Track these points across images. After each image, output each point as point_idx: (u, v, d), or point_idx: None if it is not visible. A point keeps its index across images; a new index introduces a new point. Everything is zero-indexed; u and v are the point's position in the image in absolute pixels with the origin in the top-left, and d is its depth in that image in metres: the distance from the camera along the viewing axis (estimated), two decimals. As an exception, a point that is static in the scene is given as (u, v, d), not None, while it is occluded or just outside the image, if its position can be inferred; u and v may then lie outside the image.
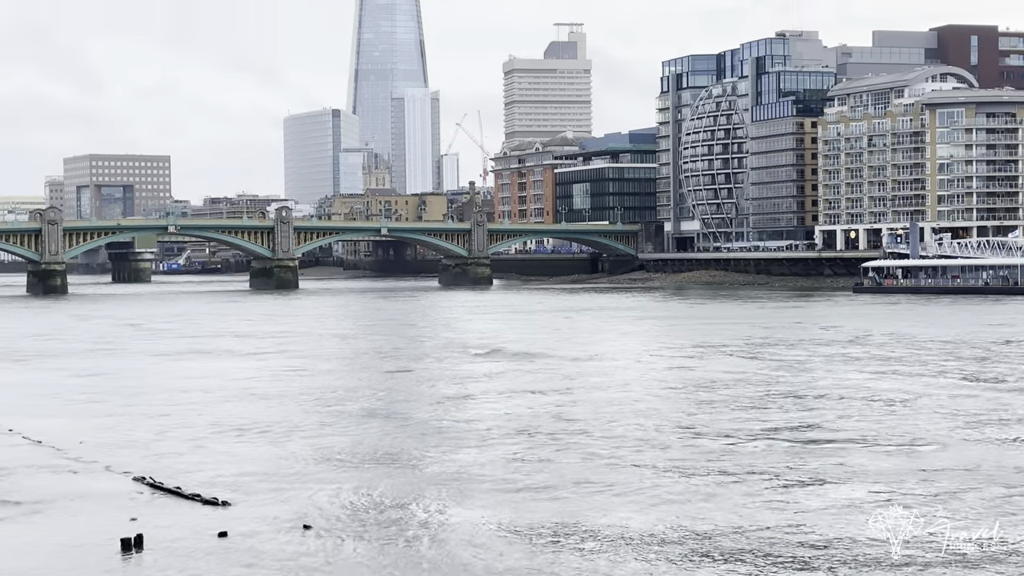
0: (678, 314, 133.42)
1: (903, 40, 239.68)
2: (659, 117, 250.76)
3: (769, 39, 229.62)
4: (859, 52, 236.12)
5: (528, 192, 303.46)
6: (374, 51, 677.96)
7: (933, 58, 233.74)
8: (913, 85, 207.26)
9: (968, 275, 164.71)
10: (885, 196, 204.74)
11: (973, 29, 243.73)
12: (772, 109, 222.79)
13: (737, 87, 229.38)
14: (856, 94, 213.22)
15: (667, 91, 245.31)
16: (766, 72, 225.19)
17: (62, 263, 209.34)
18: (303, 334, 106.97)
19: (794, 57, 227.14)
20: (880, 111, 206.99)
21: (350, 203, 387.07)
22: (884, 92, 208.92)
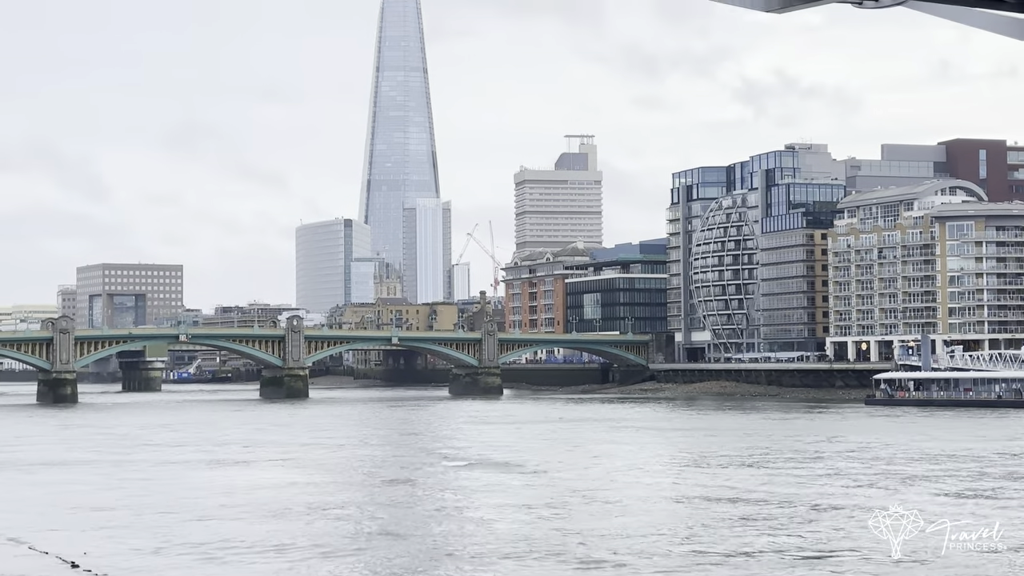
0: (686, 426, 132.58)
1: (912, 154, 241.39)
2: (669, 228, 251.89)
3: (778, 151, 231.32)
4: (868, 165, 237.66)
5: (539, 302, 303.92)
6: (386, 162, 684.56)
7: (942, 171, 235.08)
8: (922, 198, 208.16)
9: (980, 388, 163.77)
10: (896, 308, 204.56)
11: (981, 143, 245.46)
12: (782, 221, 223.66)
13: (747, 199, 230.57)
14: (866, 206, 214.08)
15: (677, 202, 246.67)
16: (776, 184, 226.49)
17: (73, 372, 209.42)
18: (309, 444, 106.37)
19: (803, 169, 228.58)
20: (890, 223, 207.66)
21: (361, 312, 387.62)
22: (894, 204, 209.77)
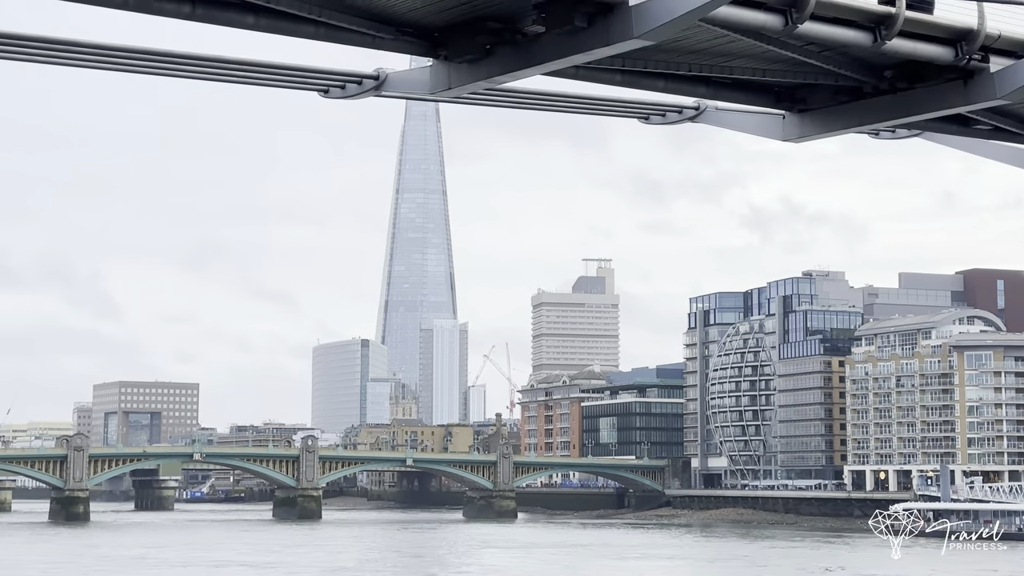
0: (696, 554, 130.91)
1: (929, 282, 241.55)
2: (686, 353, 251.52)
3: (796, 278, 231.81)
4: (885, 293, 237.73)
5: (555, 425, 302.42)
6: (404, 283, 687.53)
7: (959, 301, 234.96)
8: (940, 327, 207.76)
9: (1001, 520, 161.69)
10: (914, 437, 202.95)
11: (999, 273, 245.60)
12: (799, 347, 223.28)
13: (764, 325, 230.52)
14: (884, 334, 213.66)
15: (694, 327, 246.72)
16: (793, 310, 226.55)
17: (86, 490, 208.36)
18: (314, 568, 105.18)
19: (820, 296, 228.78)
20: (908, 352, 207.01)
21: (376, 433, 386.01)
22: (912, 333, 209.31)
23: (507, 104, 30.06)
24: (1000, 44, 26.05)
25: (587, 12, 22.21)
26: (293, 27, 23.31)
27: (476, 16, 23.56)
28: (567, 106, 30.70)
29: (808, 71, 27.24)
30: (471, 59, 24.45)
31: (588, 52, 23.06)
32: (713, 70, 27.10)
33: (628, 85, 27.60)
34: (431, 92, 25.79)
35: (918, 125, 31.54)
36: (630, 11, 21.93)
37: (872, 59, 26.57)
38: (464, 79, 24.88)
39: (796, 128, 29.85)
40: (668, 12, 21.67)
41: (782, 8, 23.46)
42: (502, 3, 22.97)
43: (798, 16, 23.47)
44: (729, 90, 28.84)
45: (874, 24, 24.66)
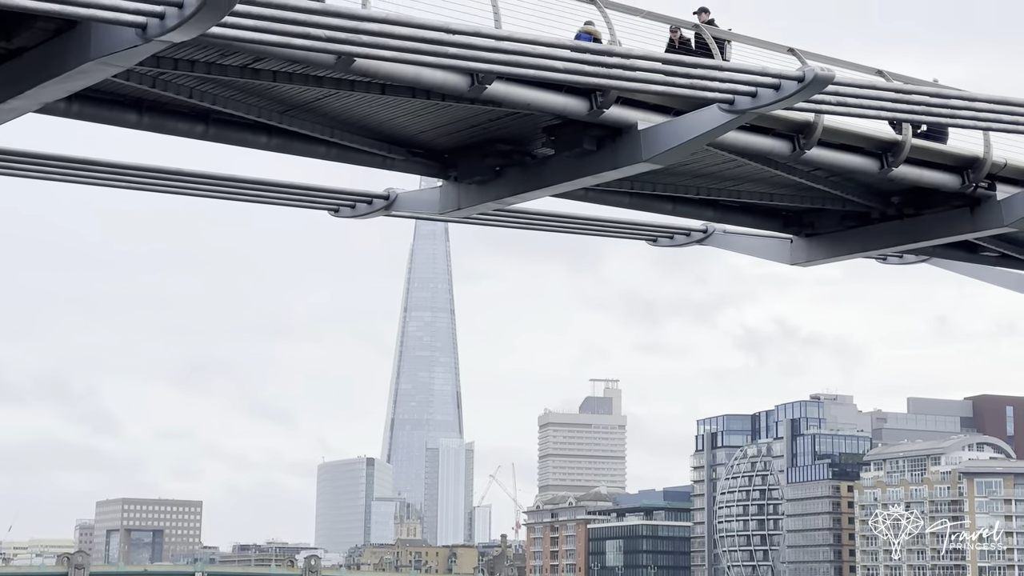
0: None
1: (938, 408, 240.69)
2: (694, 475, 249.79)
3: (803, 401, 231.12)
4: (894, 418, 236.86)
5: (560, 547, 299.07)
6: (411, 401, 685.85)
7: (968, 427, 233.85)
8: (950, 453, 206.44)
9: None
10: (924, 565, 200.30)
11: (1008, 400, 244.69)
12: (807, 471, 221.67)
13: (772, 448, 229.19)
14: (892, 459, 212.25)
15: (702, 449, 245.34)
16: (801, 434, 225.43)
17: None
18: None
19: (829, 420, 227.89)
20: (917, 478, 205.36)
21: (380, 553, 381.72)
22: (921, 459, 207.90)
23: (516, 225, 30.24)
24: (1006, 172, 26.25)
25: (596, 136, 22.43)
26: (305, 147, 23.55)
27: (486, 138, 23.81)
28: (576, 228, 30.89)
29: (816, 196, 27.41)
30: (481, 180, 24.64)
31: (597, 175, 23.24)
32: (721, 194, 27.27)
33: (636, 207, 27.76)
34: (441, 212, 25.96)
35: (925, 251, 31.64)
36: (639, 135, 22.14)
37: (879, 185, 26.75)
38: (473, 200, 25.05)
39: (804, 252, 29.95)
40: (676, 137, 21.89)
41: (790, 134, 23.68)
42: (512, 126, 23.22)
43: (806, 142, 23.68)
44: (737, 214, 28.99)
45: (881, 151, 24.87)
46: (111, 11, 15.94)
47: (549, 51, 19.12)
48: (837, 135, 24.23)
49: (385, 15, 18.02)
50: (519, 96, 20.94)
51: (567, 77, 19.57)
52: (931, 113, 22.56)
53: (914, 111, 22.35)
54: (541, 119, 22.59)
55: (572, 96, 21.32)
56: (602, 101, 21.50)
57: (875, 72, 24.88)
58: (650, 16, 23.14)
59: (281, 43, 17.21)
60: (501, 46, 18.77)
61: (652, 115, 22.31)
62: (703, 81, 20.26)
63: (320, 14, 17.26)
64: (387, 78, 20.18)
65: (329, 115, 22.82)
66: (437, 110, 22.36)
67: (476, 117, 22.78)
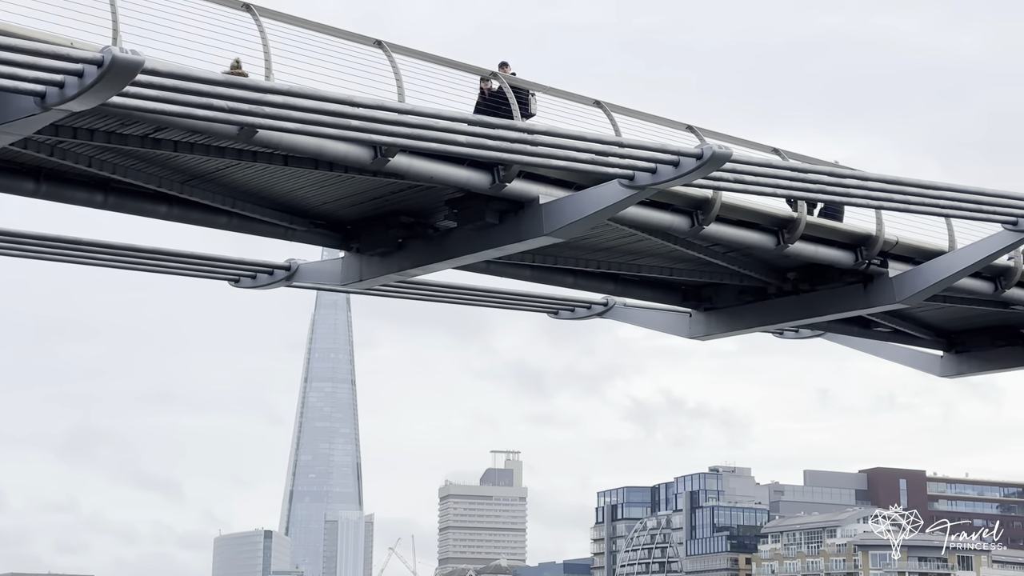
0: None
1: (834, 480, 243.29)
2: (594, 547, 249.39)
3: (703, 474, 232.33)
4: (791, 490, 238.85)
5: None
6: (310, 473, 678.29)
7: (863, 499, 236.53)
8: (845, 525, 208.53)
9: None
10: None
11: (901, 472, 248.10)
12: (706, 543, 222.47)
13: (672, 520, 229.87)
14: (790, 532, 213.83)
15: (602, 521, 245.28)
16: (700, 506, 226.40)
17: None
18: None
19: (727, 492, 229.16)
20: (813, 550, 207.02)
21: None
22: (817, 531, 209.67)
23: (419, 297, 30.27)
24: (898, 250, 26.84)
25: (498, 209, 22.58)
26: (206, 217, 23.39)
27: (389, 210, 23.85)
28: (477, 300, 30.99)
29: (714, 271, 27.79)
30: (383, 252, 24.64)
31: (499, 248, 23.36)
32: (622, 267, 27.54)
33: (538, 280, 27.94)
34: (342, 283, 25.89)
35: (821, 325, 32.19)
36: (540, 209, 22.33)
37: (776, 261, 27.19)
38: (376, 271, 25.03)
39: (702, 326, 30.32)
40: (577, 211, 22.11)
41: (689, 210, 24.03)
42: (415, 198, 23.31)
43: (704, 218, 24.04)
44: (637, 287, 29.30)
45: (777, 228, 25.31)
46: (9, 79, 15.77)
47: (452, 125, 19.27)
48: (735, 211, 24.63)
49: (288, 87, 18.06)
50: (422, 169, 21.05)
51: (469, 151, 19.71)
52: (826, 192, 23.04)
53: (810, 189, 22.81)
54: (444, 192, 22.71)
55: (475, 170, 21.47)
56: (504, 175, 21.68)
57: (772, 150, 25.40)
58: (551, 91, 23.43)
59: (183, 113, 17.13)
60: (404, 119, 18.88)
61: (554, 189, 22.53)
62: (604, 157, 20.52)
63: (223, 85, 17.23)
64: (290, 149, 20.19)
65: (231, 185, 22.72)
66: (340, 182, 22.38)
67: (379, 189, 22.83)
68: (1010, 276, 28.32)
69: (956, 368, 34.27)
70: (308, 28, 20.62)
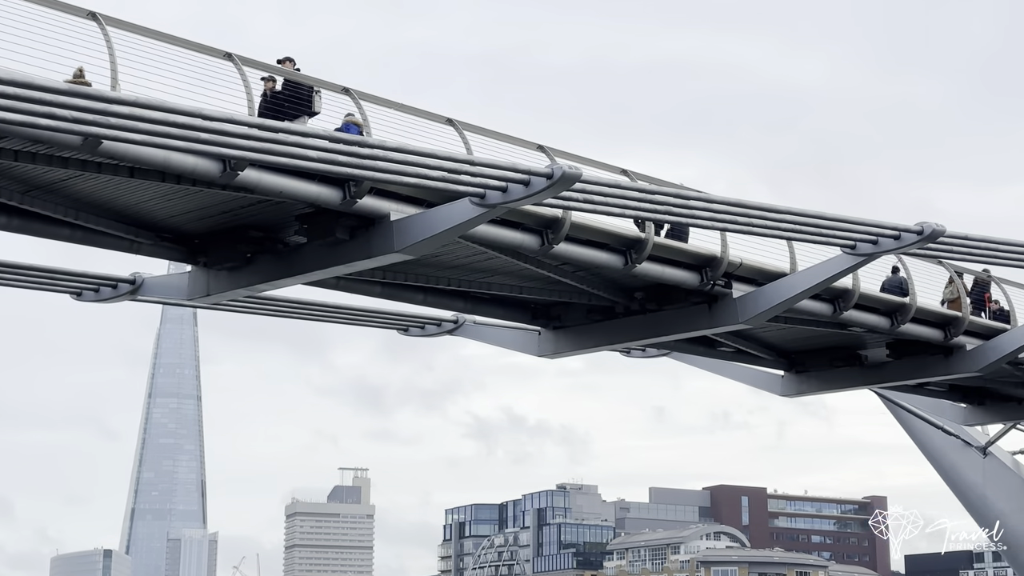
0: None
1: (678, 498, 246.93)
2: (441, 565, 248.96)
3: (551, 491, 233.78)
4: (636, 507, 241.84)
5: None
6: (153, 490, 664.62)
7: (706, 516, 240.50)
8: (688, 542, 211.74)
9: None
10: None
11: (743, 490, 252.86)
12: (553, 560, 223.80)
13: (519, 537, 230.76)
14: (635, 548, 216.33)
15: (449, 539, 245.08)
16: (547, 523, 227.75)
17: None
18: None
19: (574, 510, 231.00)
20: (658, 566, 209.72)
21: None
22: (661, 548, 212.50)
23: (267, 312, 29.96)
24: (742, 271, 27.40)
25: (349, 225, 22.47)
26: (47, 229, 22.83)
27: (238, 224, 23.56)
28: (327, 316, 30.80)
29: (563, 290, 28.04)
30: (231, 266, 24.33)
31: (349, 264, 23.24)
32: (472, 285, 27.63)
33: (388, 297, 27.88)
34: (189, 298, 25.51)
35: (667, 345, 32.70)
36: (391, 226, 22.30)
37: (624, 280, 27.54)
38: (223, 286, 24.70)
39: (551, 344, 30.56)
40: (428, 228, 22.13)
41: (539, 229, 24.22)
42: (264, 213, 23.07)
43: (554, 237, 24.26)
44: (487, 305, 29.41)
45: (625, 248, 25.64)
46: None
47: (302, 140, 19.14)
48: (584, 231, 24.90)
49: (135, 98, 17.74)
50: (272, 184, 20.85)
51: (320, 166, 19.60)
52: (673, 213, 23.41)
53: (657, 210, 23.16)
54: (294, 207, 22.52)
55: (325, 185, 21.34)
56: (355, 191, 21.59)
57: (620, 171, 25.75)
58: (402, 108, 23.44)
59: (24, 122, 16.72)
60: (254, 133, 18.70)
61: (405, 206, 22.52)
62: (455, 175, 20.58)
63: (67, 94, 16.87)
64: (136, 161, 19.82)
65: (74, 196, 22.22)
66: (188, 195, 22.05)
67: (228, 203, 22.55)
68: (848, 298, 29.10)
69: (796, 387, 35.09)
70: (156, 39, 20.31)
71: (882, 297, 30.18)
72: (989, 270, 33.57)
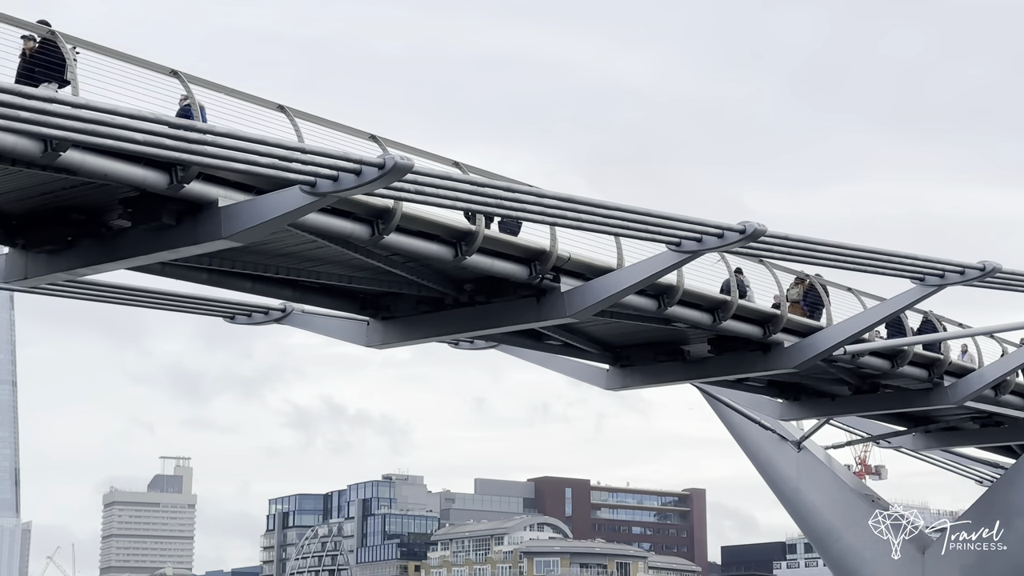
0: None
1: (503, 489, 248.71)
2: (263, 556, 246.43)
3: (376, 481, 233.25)
4: (462, 498, 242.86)
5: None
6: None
7: (531, 507, 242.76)
8: (512, 533, 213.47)
9: None
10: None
11: (567, 482, 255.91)
12: (377, 551, 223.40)
13: (343, 528, 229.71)
14: (459, 539, 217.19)
15: (273, 529, 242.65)
16: (372, 514, 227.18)
17: None
18: None
19: (399, 500, 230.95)
20: (481, 557, 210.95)
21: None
22: (485, 539, 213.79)
23: (88, 297, 29.26)
24: (570, 266, 27.70)
25: (176, 210, 22.05)
26: None
27: (59, 206, 22.93)
28: (151, 302, 30.22)
29: (393, 280, 27.98)
30: (51, 249, 23.67)
31: (175, 249, 22.80)
32: (301, 274, 27.38)
33: (215, 284, 27.45)
34: (5, 280, 24.72)
35: (495, 337, 32.90)
36: (219, 212, 21.96)
37: (454, 273, 27.61)
38: (42, 270, 24.01)
39: (380, 335, 30.48)
40: (257, 215, 21.85)
41: (370, 219, 24.12)
42: (87, 195, 22.48)
43: (384, 227, 24.19)
44: (316, 294, 29.18)
45: (456, 240, 25.71)
46: None
47: (128, 122, 18.71)
48: (415, 222, 24.88)
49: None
50: (95, 166, 20.32)
51: (146, 149, 19.17)
52: (504, 206, 23.55)
53: (488, 203, 23.26)
54: (118, 190, 22.00)
55: (151, 169, 20.89)
56: (183, 176, 21.19)
57: (452, 163, 25.80)
58: (236, 92, 23.10)
59: None
60: (78, 114, 18.22)
61: (234, 192, 22.18)
62: (286, 162, 20.36)
63: None
64: (-49, 138, 19.14)
65: None
66: (6, 174, 21.35)
67: (49, 184, 21.89)
68: (672, 294, 29.65)
69: (621, 381, 35.64)
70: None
71: (705, 294, 30.84)
72: (821, 275, 34.62)
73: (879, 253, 29.78)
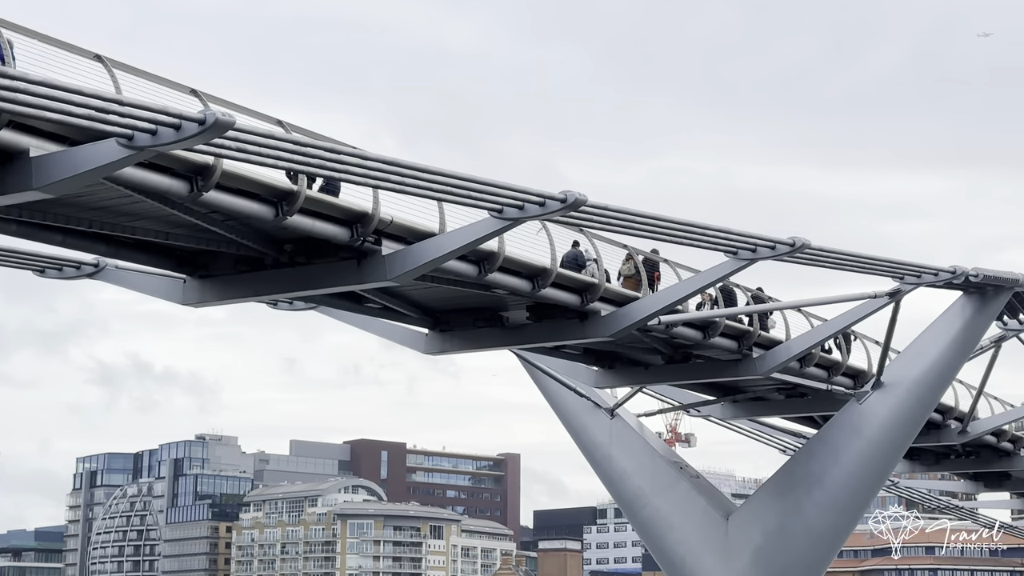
0: None
1: (319, 451, 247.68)
2: (69, 515, 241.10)
3: (188, 441, 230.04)
4: (276, 459, 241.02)
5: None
6: None
7: (346, 470, 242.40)
8: (326, 495, 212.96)
9: None
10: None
11: (383, 444, 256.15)
12: (188, 512, 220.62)
13: (153, 488, 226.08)
14: (272, 500, 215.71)
15: (79, 488, 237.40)
16: (184, 474, 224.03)
17: None
18: None
19: (212, 460, 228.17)
20: (295, 519, 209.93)
21: None
22: (299, 500, 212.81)
23: None
24: (392, 229, 27.62)
25: (-14, 159, 21.30)
26: None
27: None
28: (-45, 253, 29.14)
29: (211, 238, 27.51)
30: None
31: (-18, 201, 22.02)
32: (116, 229, 26.70)
33: (24, 236, 26.61)
34: None
35: (315, 299, 32.65)
36: (30, 162, 21.28)
37: (274, 232, 27.27)
38: None
39: (196, 293, 29.95)
40: (71, 167, 21.23)
41: (189, 175, 23.65)
42: None
43: (204, 184, 23.75)
44: (131, 250, 28.51)
45: (277, 199, 25.39)
46: None
47: (-63, 65, 17.99)
48: (236, 180, 24.48)
49: None
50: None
51: (-45, 94, 18.46)
52: (326, 167, 23.34)
53: (310, 163, 23.02)
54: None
55: (-41, 115, 20.14)
56: (-8, 123, 20.48)
57: (276, 122, 25.44)
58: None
59: None
60: None
61: (46, 143, 21.49)
62: (102, 114, 19.81)
63: None
64: None
65: None
66: None
67: None
68: (493, 261, 29.83)
69: (440, 346, 35.75)
70: None
71: (525, 261, 31.08)
72: (658, 250, 35.17)
73: (695, 226, 30.41)
